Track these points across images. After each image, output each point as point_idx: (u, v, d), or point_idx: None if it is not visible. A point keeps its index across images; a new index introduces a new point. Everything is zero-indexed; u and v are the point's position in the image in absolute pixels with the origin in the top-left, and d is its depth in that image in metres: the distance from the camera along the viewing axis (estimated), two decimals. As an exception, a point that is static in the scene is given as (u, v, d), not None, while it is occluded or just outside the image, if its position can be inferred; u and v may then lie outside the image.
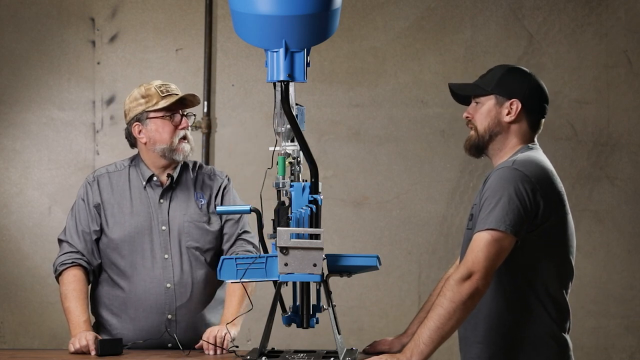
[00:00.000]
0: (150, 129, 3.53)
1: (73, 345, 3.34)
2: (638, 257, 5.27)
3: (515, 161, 2.91)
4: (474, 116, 3.04)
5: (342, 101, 5.31)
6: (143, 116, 3.53)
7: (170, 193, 3.58)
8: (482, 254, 2.80)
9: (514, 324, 2.92)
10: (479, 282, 2.78)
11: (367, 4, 5.31)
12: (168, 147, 3.52)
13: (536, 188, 2.86)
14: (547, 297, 2.92)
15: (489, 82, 3.02)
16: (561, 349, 2.95)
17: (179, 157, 3.54)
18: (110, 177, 3.59)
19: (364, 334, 5.21)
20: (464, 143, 3.07)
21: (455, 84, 3.11)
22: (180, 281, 3.52)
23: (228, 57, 5.32)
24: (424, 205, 5.30)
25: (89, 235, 3.54)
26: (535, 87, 3.02)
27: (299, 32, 2.97)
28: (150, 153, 3.56)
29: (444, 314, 2.79)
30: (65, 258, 3.53)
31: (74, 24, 5.31)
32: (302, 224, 2.97)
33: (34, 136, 5.31)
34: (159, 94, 3.52)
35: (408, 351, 2.83)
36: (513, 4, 5.28)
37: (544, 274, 2.92)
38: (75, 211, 3.59)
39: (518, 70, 3.05)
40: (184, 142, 3.54)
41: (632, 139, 5.27)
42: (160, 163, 3.57)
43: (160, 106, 3.51)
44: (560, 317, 2.95)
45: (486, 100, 3.02)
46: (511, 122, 3.00)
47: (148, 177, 3.57)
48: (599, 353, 5.26)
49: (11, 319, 5.31)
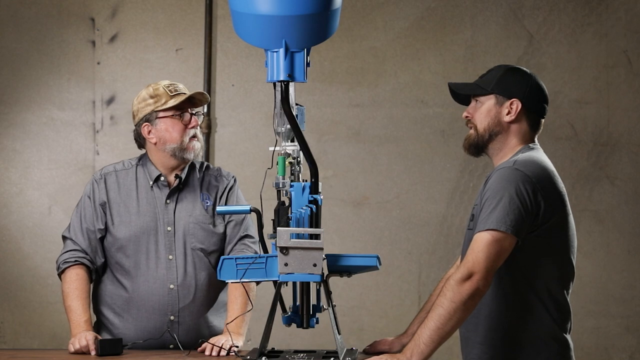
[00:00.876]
0: (160, 128, 3.52)
1: (73, 346, 3.34)
2: (638, 257, 5.27)
3: (516, 161, 2.91)
4: (474, 115, 3.04)
5: (342, 101, 5.31)
6: (152, 116, 3.52)
7: (177, 194, 3.57)
8: (482, 254, 2.80)
9: (514, 325, 2.92)
10: (480, 283, 2.78)
11: (367, 4, 5.31)
12: (178, 147, 3.51)
13: (537, 188, 2.86)
14: (548, 297, 2.92)
15: (489, 82, 3.02)
16: (562, 349, 2.95)
17: (190, 155, 3.53)
18: (117, 175, 3.59)
19: (364, 334, 5.21)
20: (463, 142, 3.07)
21: (455, 83, 3.11)
22: (184, 282, 3.51)
23: (228, 57, 5.32)
24: (424, 205, 5.30)
25: (94, 234, 3.53)
26: (535, 87, 3.02)
27: (299, 32, 2.97)
28: (160, 153, 3.55)
29: (444, 314, 2.80)
30: (68, 256, 3.52)
31: (74, 24, 5.31)
32: (302, 224, 2.97)
33: (34, 136, 5.31)
34: (167, 93, 3.51)
35: (408, 351, 2.83)
36: (513, 4, 5.28)
37: (544, 274, 2.92)
38: (80, 208, 3.57)
39: (518, 70, 3.06)
40: (195, 141, 3.53)
41: (632, 139, 5.27)
42: (170, 163, 3.56)
43: (170, 105, 3.50)
44: (561, 318, 2.95)
45: (486, 100, 3.02)
46: (511, 122, 3.00)
47: (155, 177, 3.56)
48: (599, 353, 5.26)
49: (11, 319, 5.31)
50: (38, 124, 5.31)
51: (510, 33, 5.28)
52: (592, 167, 5.27)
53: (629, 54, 5.27)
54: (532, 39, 5.27)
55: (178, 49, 5.33)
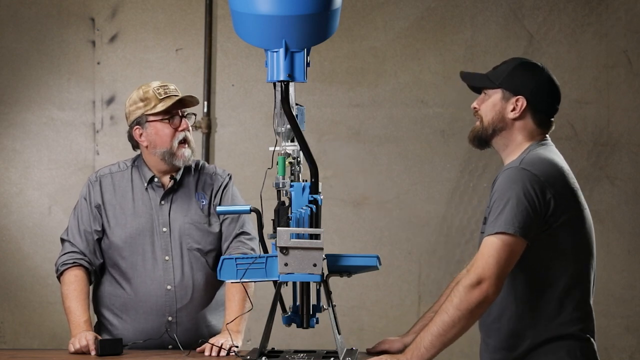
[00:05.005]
0: (150, 132, 3.52)
1: (73, 346, 3.34)
2: (638, 257, 5.27)
3: (522, 160, 2.86)
4: (481, 107, 2.98)
5: (342, 101, 5.31)
6: (142, 120, 3.52)
7: (171, 195, 3.57)
8: (492, 260, 2.75)
9: (532, 328, 2.85)
10: (489, 290, 2.74)
11: (367, 4, 5.31)
12: (168, 151, 3.51)
13: (545, 187, 2.81)
14: (566, 297, 2.84)
15: (499, 75, 2.96)
16: (585, 351, 2.88)
17: (179, 162, 3.52)
18: (113, 177, 3.59)
19: (364, 334, 5.21)
20: (469, 133, 3.02)
21: (466, 73, 3.04)
22: (181, 283, 3.51)
23: (228, 57, 5.32)
24: (424, 205, 5.30)
25: (91, 235, 3.54)
26: (544, 85, 2.96)
27: (299, 32, 2.97)
28: (152, 156, 3.55)
29: (448, 321, 2.77)
30: (66, 258, 3.52)
31: (74, 24, 5.31)
32: (302, 224, 2.96)
33: (34, 136, 5.31)
34: (156, 96, 3.51)
35: (409, 352, 2.82)
36: (513, 4, 5.28)
37: (560, 273, 2.84)
38: (77, 210, 3.58)
39: (530, 66, 2.98)
40: (184, 148, 3.52)
41: (632, 139, 5.27)
42: (162, 167, 3.55)
43: (158, 109, 3.49)
44: (581, 318, 2.87)
45: (493, 93, 2.96)
46: (515, 119, 2.94)
47: (149, 179, 3.56)
48: (599, 353, 5.23)
49: (11, 319, 5.31)
50: (38, 124, 5.31)
51: (510, 33, 5.28)
52: (592, 167, 5.26)
53: (629, 54, 5.27)
54: (532, 39, 5.27)
55: (178, 49, 5.33)
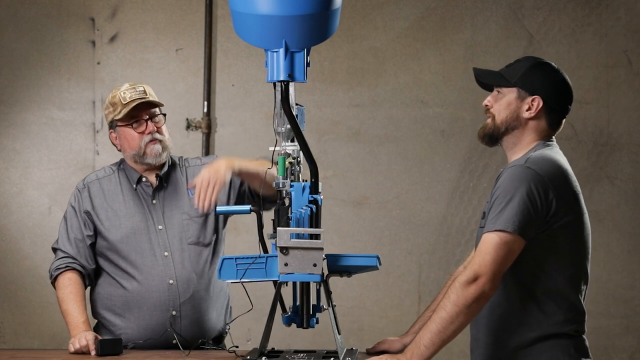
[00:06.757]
0: (120, 136, 3.58)
1: (73, 346, 3.34)
2: (638, 257, 5.27)
3: (528, 159, 2.85)
4: (494, 105, 2.97)
5: (342, 101, 5.31)
6: (113, 124, 3.58)
7: (162, 192, 3.59)
8: (489, 257, 2.76)
9: (524, 325, 2.88)
10: (486, 286, 2.75)
11: (367, 4, 5.31)
12: (137, 153, 3.55)
13: (549, 187, 2.81)
14: (559, 296, 2.88)
15: (514, 74, 2.95)
16: (577, 350, 2.91)
17: (151, 160, 3.55)
18: (100, 183, 3.61)
19: (364, 334, 5.21)
20: (479, 130, 3.00)
21: (480, 69, 3.04)
22: (183, 277, 3.52)
23: (228, 57, 5.32)
24: (424, 205, 5.30)
25: (82, 242, 3.56)
26: (560, 86, 2.95)
27: (299, 32, 2.97)
28: (129, 159, 3.61)
29: (446, 317, 2.77)
30: (59, 263, 3.55)
31: (74, 24, 5.31)
32: (302, 224, 2.97)
33: (34, 136, 5.31)
34: (121, 101, 3.54)
35: (409, 352, 2.82)
36: (513, 4, 5.28)
37: (555, 273, 2.87)
38: (67, 219, 3.61)
39: (545, 66, 2.97)
40: (153, 144, 3.54)
41: (632, 139, 5.27)
42: (140, 167, 3.60)
43: (122, 115, 3.53)
44: (574, 318, 2.91)
45: (508, 92, 2.95)
46: (530, 119, 2.93)
47: (137, 179, 3.58)
48: (599, 353, 5.25)
49: (11, 319, 5.31)
50: (38, 124, 5.31)
51: (510, 33, 5.28)
52: (592, 167, 5.26)
53: (629, 54, 5.27)
54: (532, 39, 5.27)
55: (178, 49, 5.33)
